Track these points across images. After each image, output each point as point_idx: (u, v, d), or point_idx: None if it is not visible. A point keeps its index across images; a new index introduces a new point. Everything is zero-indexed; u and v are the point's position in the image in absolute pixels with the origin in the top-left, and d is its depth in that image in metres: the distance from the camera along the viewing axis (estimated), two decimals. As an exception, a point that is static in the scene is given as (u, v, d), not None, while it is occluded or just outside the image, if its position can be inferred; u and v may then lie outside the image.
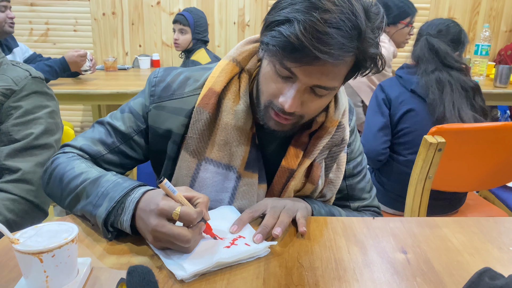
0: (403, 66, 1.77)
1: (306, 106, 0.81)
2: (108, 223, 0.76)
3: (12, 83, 1.10)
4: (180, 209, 0.69)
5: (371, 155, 1.73)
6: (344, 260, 0.74)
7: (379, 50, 0.78)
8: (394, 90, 1.72)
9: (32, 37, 3.64)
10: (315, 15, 0.69)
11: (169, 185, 0.71)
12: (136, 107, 0.94)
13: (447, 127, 1.44)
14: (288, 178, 0.92)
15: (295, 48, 0.71)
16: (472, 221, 0.90)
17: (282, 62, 0.75)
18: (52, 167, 0.89)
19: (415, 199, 1.52)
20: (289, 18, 0.71)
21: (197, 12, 2.92)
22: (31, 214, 1.08)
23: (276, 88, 0.79)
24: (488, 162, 1.54)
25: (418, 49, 1.71)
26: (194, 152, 0.90)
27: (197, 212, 0.71)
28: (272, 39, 0.73)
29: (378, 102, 1.74)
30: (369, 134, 1.74)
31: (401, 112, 1.69)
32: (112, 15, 3.60)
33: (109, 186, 0.78)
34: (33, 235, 0.63)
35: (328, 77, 0.76)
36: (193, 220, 0.70)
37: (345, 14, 0.70)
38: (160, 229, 0.69)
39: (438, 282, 0.69)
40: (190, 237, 0.70)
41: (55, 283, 0.62)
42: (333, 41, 0.69)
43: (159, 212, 0.70)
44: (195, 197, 0.76)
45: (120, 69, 3.38)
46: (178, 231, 0.69)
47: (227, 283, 0.67)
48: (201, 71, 0.95)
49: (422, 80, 1.65)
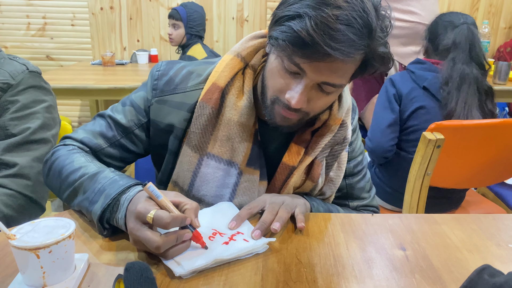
0: (416, 61, 1.73)
1: (313, 103, 0.80)
2: (104, 220, 0.75)
3: (9, 77, 1.10)
4: (154, 212, 0.67)
5: (378, 152, 1.71)
6: (342, 256, 0.74)
7: (388, 49, 0.77)
8: (405, 85, 1.68)
9: (29, 31, 3.62)
10: (327, 11, 0.68)
11: (153, 189, 0.70)
12: (138, 100, 0.94)
13: (446, 123, 1.43)
14: (288, 175, 0.91)
15: (306, 43, 0.70)
16: (471, 218, 0.90)
17: (291, 57, 0.74)
18: (52, 159, 0.89)
19: (413, 195, 1.52)
20: (300, 13, 0.70)
21: (192, 7, 2.90)
22: (28, 209, 1.08)
23: (283, 83, 0.79)
24: (486, 159, 1.54)
25: (455, 35, 1.63)
26: (196, 147, 0.89)
27: (172, 217, 0.67)
28: (282, 34, 0.72)
29: (389, 97, 1.70)
30: (377, 130, 1.71)
31: (411, 109, 1.65)
32: (110, 9, 3.58)
33: (106, 183, 0.78)
34: (29, 230, 0.63)
35: (337, 74, 0.76)
36: (166, 225, 0.67)
37: (356, 11, 0.70)
38: (134, 232, 0.68)
39: (437, 278, 0.68)
40: (160, 244, 0.66)
41: (52, 279, 0.62)
42: (344, 38, 0.69)
43: (135, 215, 0.69)
44: (182, 203, 0.73)
45: (118, 64, 3.37)
46: (148, 236, 0.67)
47: (225, 279, 0.66)
48: (205, 65, 0.94)
49: (444, 68, 1.60)
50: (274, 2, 3.56)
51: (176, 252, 0.69)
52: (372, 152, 1.74)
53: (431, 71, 1.66)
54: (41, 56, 3.67)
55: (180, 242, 0.70)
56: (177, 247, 0.69)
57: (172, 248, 0.69)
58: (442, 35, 1.69)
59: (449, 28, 1.68)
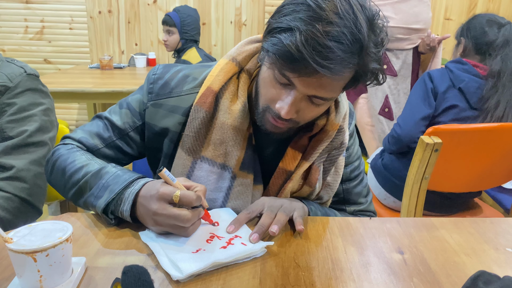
0: (457, 60, 1.71)
1: (302, 113, 0.81)
2: (108, 212, 0.80)
3: (6, 80, 1.09)
4: (180, 192, 0.73)
5: (405, 140, 1.69)
6: (340, 260, 0.74)
7: (381, 65, 0.77)
8: (442, 83, 1.67)
9: (27, 34, 3.62)
10: (317, 27, 0.68)
11: (168, 174, 0.75)
12: (134, 103, 0.95)
13: (444, 127, 1.44)
14: (285, 180, 0.91)
15: (295, 58, 0.70)
16: (469, 221, 0.90)
17: (281, 70, 0.74)
18: (53, 159, 0.92)
19: (411, 199, 1.52)
20: (291, 27, 0.70)
21: (185, 11, 2.88)
22: (24, 212, 1.07)
23: (274, 93, 0.79)
24: (484, 163, 1.55)
25: (504, 33, 1.62)
26: (190, 150, 0.89)
27: (196, 195, 0.74)
28: (272, 47, 0.72)
29: (427, 91, 1.68)
30: (411, 119, 1.69)
31: (444, 106, 1.65)
32: (108, 13, 3.59)
33: (110, 178, 0.81)
34: (26, 234, 0.63)
35: (326, 89, 0.76)
36: (193, 201, 0.73)
37: (348, 27, 0.68)
38: (161, 211, 0.73)
39: (435, 282, 0.68)
40: (190, 217, 0.73)
41: (49, 283, 0.62)
42: (333, 55, 0.68)
43: (159, 196, 0.74)
44: (193, 186, 0.79)
45: (116, 68, 3.37)
46: (179, 211, 0.73)
47: (223, 283, 0.66)
48: (201, 69, 0.94)
49: (494, 64, 1.59)
50: (272, 7, 3.57)
51: (194, 229, 0.77)
52: (398, 139, 1.72)
53: (470, 73, 1.64)
54: (39, 59, 3.67)
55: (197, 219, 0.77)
56: (195, 224, 0.77)
57: (193, 225, 0.76)
58: (489, 33, 1.66)
59: (495, 27, 1.66)
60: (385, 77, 0.81)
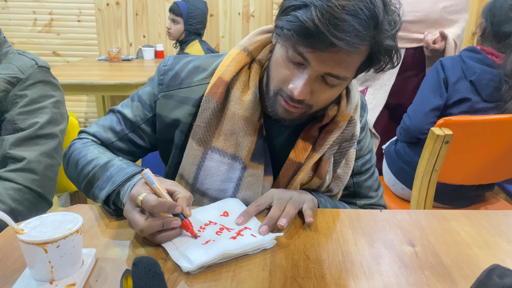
0: (471, 48, 1.62)
1: (316, 96, 0.79)
2: (110, 203, 0.81)
3: (18, 72, 1.10)
4: (143, 196, 0.71)
5: (413, 132, 1.66)
6: (351, 252, 0.73)
7: (396, 42, 0.76)
8: (454, 74, 1.61)
9: (36, 27, 3.63)
10: (333, 1, 0.68)
11: (148, 176, 0.75)
12: (144, 96, 0.95)
13: (455, 119, 1.42)
14: (295, 171, 0.91)
15: (311, 33, 0.70)
16: (481, 214, 0.89)
17: (295, 47, 0.74)
18: (69, 152, 0.94)
19: (421, 191, 1.50)
20: (306, 3, 0.70)
21: (194, 3, 2.82)
22: (35, 203, 1.08)
23: (287, 74, 0.78)
24: (495, 155, 1.52)
25: None
26: (201, 141, 0.89)
27: (159, 201, 0.70)
28: (287, 23, 0.72)
29: (439, 80, 1.63)
30: (421, 110, 1.65)
31: (455, 98, 1.60)
32: (116, 5, 3.58)
33: (114, 170, 0.82)
34: (37, 225, 0.63)
35: (341, 66, 0.75)
36: (152, 208, 0.70)
37: (363, 2, 0.70)
38: (126, 213, 0.74)
39: (447, 275, 0.68)
40: (143, 227, 0.70)
41: (60, 274, 0.62)
42: (349, 28, 0.69)
43: (130, 197, 0.74)
44: (176, 192, 0.76)
45: (124, 60, 3.37)
46: (135, 218, 0.71)
47: (233, 275, 0.66)
48: (211, 60, 0.94)
49: None
50: (280, -2, 3.54)
51: (164, 238, 0.72)
52: (407, 130, 1.69)
53: (483, 63, 1.57)
54: (48, 52, 3.69)
55: (170, 229, 0.73)
56: (166, 233, 0.72)
57: (160, 234, 0.72)
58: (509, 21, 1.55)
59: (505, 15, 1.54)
60: (400, 57, 0.80)
